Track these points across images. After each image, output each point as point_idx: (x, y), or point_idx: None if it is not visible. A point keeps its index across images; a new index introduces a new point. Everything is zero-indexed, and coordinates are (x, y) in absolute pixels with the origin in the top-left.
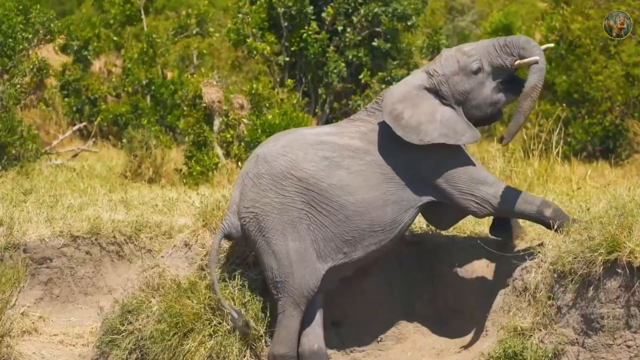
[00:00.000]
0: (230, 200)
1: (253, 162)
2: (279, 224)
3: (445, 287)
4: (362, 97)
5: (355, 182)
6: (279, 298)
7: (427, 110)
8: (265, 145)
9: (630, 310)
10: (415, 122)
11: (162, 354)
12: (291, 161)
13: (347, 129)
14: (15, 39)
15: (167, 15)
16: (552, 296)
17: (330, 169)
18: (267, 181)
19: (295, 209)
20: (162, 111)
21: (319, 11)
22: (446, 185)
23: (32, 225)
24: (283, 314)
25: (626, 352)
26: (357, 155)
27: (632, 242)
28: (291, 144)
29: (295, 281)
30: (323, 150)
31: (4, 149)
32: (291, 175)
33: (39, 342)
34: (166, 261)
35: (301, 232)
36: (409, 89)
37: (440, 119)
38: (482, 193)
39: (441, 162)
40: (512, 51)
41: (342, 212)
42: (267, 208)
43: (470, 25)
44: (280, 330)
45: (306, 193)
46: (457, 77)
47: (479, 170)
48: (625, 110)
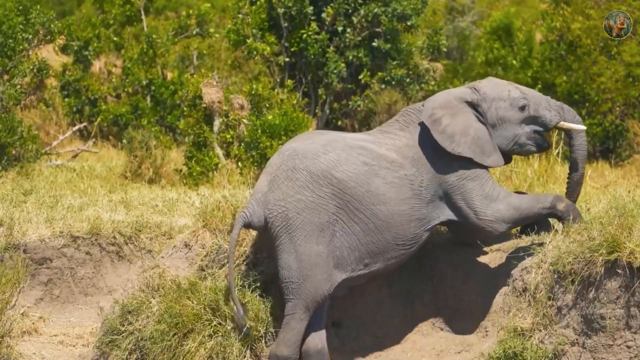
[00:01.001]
0: (256, 189)
1: (287, 155)
2: (308, 224)
3: (445, 287)
4: (362, 98)
5: (389, 193)
6: (290, 299)
7: (463, 122)
8: (299, 141)
9: (630, 311)
10: (450, 131)
11: (162, 354)
12: (333, 160)
13: (383, 140)
14: (15, 40)
15: (167, 15)
16: (552, 296)
17: (369, 175)
18: (304, 177)
19: (328, 212)
20: (162, 112)
21: (319, 12)
22: (463, 203)
23: (32, 226)
24: (292, 316)
25: (626, 353)
26: (393, 167)
27: (632, 242)
28: (332, 144)
29: (310, 285)
30: (363, 156)
31: (4, 150)
32: (331, 175)
33: (39, 343)
34: (166, 262)
35: (327, 237)
36: (450, 98)
37: (473, 136)
38: (494, 212)
39: (462, 179)
40: (563, 114)
41: (372, 221)
42: (299, 205)
43: (470, 25)
44: (287, 331)
45: (342, 197)
46: (502, 103)
47: (494, 187)
48: (625, 110)
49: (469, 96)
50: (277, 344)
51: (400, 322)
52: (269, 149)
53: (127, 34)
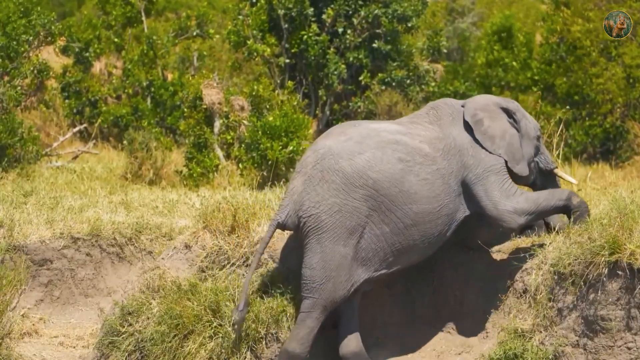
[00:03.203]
0: (290, 189)
1: (322, 153)
2: (339, 227)
3: (446, 288)
4: (363, 99)
5: (421, 191)
6: (309, 297)
7: (501, 127)
8: (332, 137)
9: (630, 312)
10: (491, 132)
11: (163, 355)
12: (368, 160)
13: (415, 130)
14: (18, 41)
15: (167, 17)
16: (553, 298)
17: (403, 173)
18: (339, 179)
19: (360, 215)
20: (162, 113)
21: (319, 13)
22: (483, 194)
23: (32, 227)
24: (309, 314)
25: (627, 354)
26: (426, 162)
27: (633, 243)
28: (366, 141)
29: (332, 286)
30: (398, 152)
31: (4, 151)
32: (367, 176)
33: (39, 344)
34: (166, 263)
35: (354, 240)
36: (489, 102)
37: (508, 141)
38: (513, 203)
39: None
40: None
41: (402, 222)
42: (333, 209)
43: (470, 27)
44: (301, 329)
45: (375, 198)
46: (529, 123)
47: (513, 186)
48: (625, 111)
49: (505, 104)
50: (290, 340)
51: (401, 323)
52: (270, 150)
53: (127, 35)
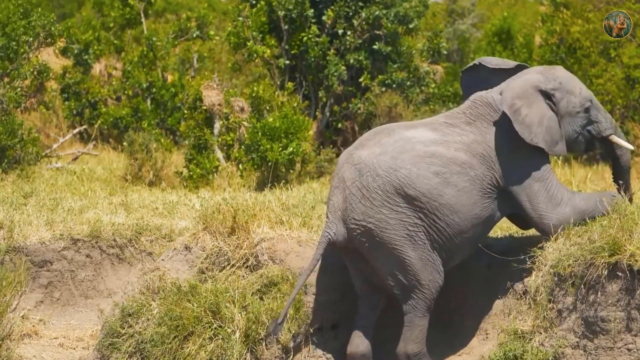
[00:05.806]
0: (332, 206)
1: (358, 170)
2: (397, 238)
3: (446, 289)
4: (363, 100)
5: (461, 201)
6: (408, 298)
7: (538, 112)
8: (367, 149)
9: (630, 314)
10: (529, 121)
11: (163, 357)
12: (405, 178)
13: (451, 137)
14: (18, 42)
15: (167, 18)
16: (553, 299)
17: (441, 186)
18: (379, 197)
19: (412, 224)
20: (162, 114)
21: (319, 14)
22: (528, 205)
23: (32, 229)
24: (415, 314)
25: (627, 356)
26: (463, 170)
27: (633, 245)
28: (402, 157)
29: (424, 285)
30: (435, 165)
31: (4, 152)
32: (404, 193)
33: (40, 345)
34: (166, 264)
35: (419, 242)
36: (526, 87)
37: (547, 125)
38: (559, 215)
39: (530, 179)
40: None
41: (447, 230)
42: (382, 224)
43: (470, 28)
44: (413, 329)
45: (419, 210)
46: (573, 99)
47: (559, 189)
48: (625, 113)
49: (544, 84)
50: (405, 343)
51: (400, 325)
52: (269, 151)
53: (127, 36)
